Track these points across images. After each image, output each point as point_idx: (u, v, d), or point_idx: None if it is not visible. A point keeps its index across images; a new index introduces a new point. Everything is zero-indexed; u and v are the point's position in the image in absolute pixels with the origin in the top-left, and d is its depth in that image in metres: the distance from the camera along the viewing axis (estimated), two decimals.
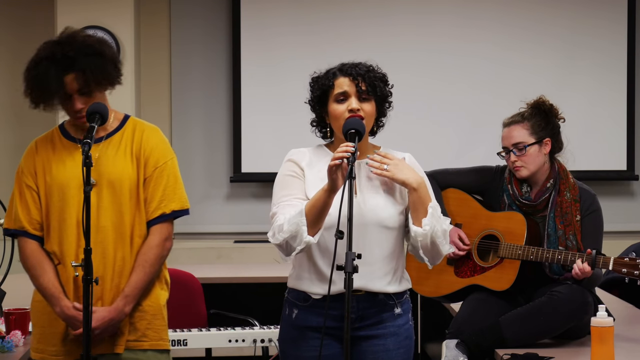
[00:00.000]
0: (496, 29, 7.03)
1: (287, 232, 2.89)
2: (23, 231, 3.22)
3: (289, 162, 3.08)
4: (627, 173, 7.14)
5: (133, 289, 3.16)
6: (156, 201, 3.21)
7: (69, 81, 3.12)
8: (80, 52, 3.13)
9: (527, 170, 3.90)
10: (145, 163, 3.22)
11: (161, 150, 3.25)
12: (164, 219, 3.22)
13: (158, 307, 3.25)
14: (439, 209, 2.97)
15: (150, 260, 3.19)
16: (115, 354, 3.19)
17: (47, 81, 3.10)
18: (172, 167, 3.26)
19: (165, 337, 3.27)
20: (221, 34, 7.09)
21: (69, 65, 3.11)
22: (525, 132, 3.91)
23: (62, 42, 3.15)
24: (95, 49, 3.16)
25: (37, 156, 3.24)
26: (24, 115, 7.03)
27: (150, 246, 3.20)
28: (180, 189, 3.27)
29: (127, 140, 3.24)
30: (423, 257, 3.00)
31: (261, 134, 6.99)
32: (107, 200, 3.16)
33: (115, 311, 3.13)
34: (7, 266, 3.99)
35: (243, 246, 6.94)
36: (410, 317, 3.11)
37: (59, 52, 3.12)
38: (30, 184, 3.22)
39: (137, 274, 3.17)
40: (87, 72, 3.11)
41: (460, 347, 3.70)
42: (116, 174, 3.18)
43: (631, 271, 3.61)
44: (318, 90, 3.06)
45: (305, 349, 3.04)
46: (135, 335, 3.21)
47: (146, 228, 3.22)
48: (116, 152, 3.21)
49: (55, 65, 3.11)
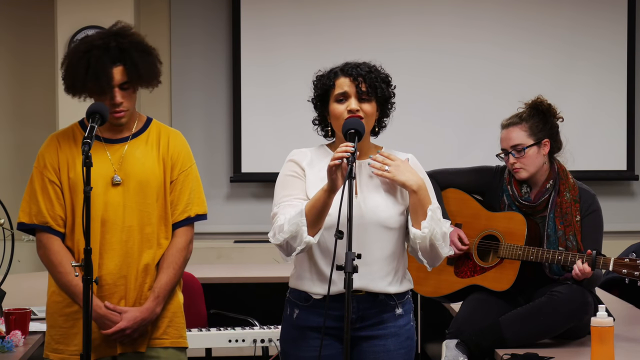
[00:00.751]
0: (496, 29, 7.04)
1: (288, 233, 2.89)
2: (47, 227, 3.20)
3: (290, 162, 3.09)
4: (627, 173, 7.14)
5: (164, 289, 3.21)
6: (183, 204, 3.26)
7: (116, 73, 3.13)
8: (134, 46, 3.16)
9: (527, 171, 3.90)
10: (172, 166, 3.26)
11: (186, 154, 3.32)
12: (189, 222, 3.29)
13: (179, 306, 3.31)
14: (439, 212, 2.97)
15: (180, 262, 3.26)
16: (138, 352, 3.22)
17: (97, 69, 3.10)
18: (195, 171, 3.33)
19: (185, 334, 3.32)
20: (221, 34, 7.09)
21: (121, 57, 3.13)
22: (523, 133, 3.90)
23: (116, 34, 3.18)
24: (146, 46, 3.21)
25: (60, 152, 3.22)
26: (24, 115, 7.03)
27: (179, 248, 3.26)
28: (202, 193, 3.34)
29: (153, 142, 3.27)
30: (422, 260, 3.01)
31: (261, 134, 6.99)
32: (134, 200, 3.19)
33: (147, 311, 3.18)
34: (7, 266, 3.99)
35: (243, 246, 6.94)
36: (411, 317, 3.11)
37: (113, 42, 3.14)
38: (54, 179, 3.21)
39: (167, 275, 3.22)
40: (138, 66, 3.14)
41: (460, 347, 3.70)
42: (144, 175, 3.21)
43: (631, 272, 3.61)
44: (320, 89, 3.07)
45: (306, 349, 3.04)
46: (158, 333, 3.25)
47: (171, 230, 3.26)
48: (143, 153, 3.24)
49: (107, 55, 3.12)
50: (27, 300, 4.09)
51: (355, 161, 2.79)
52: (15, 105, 7.02)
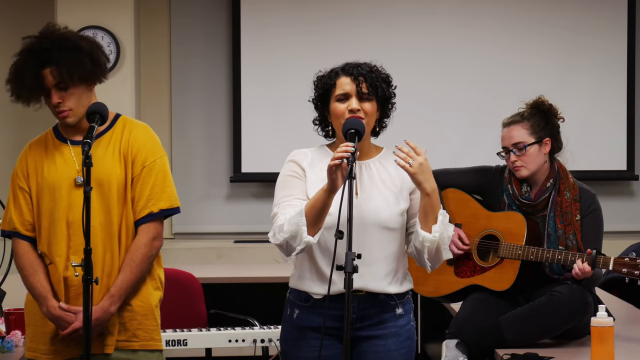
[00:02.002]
0: (496, 29, 7.03)
1: (287, 232, 2.89)
2: (16, 232, 3.23)
3: (291, 163, 3.09)
4: (627, 173, 7.14)
5: (119, 288, 3.15)
6: (143, 200, 3.19)
7: (46, 75, 3.12)
8: (56, 46, 3.12)
9: (527, 170, 3.90)
10: (132, 162, 3.20)
11: (149, 148, 3.22)
12: (152, 218, 3.19)
13: (149, 307, 3.23)
14: (448, 216, 2.97)
15: (137, 260, 3.16)
16: (105, 354, 3.18)
17: (22, 73, 3.12)
18: (161, 165, 3.22)
19: (157, 337, 3.26)
20: (221, 34, 7.09)
21: (46, 59, 3.11)
22: (524, 132, 3.91)
23: (41, 36, 3.16)
24: (71, 42, 3.15)
25: (29, 158, 3.25)
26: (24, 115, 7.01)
27: (138, 246, 3.18)
28: (169, 187, 3.23)
29: (116, 139, 3.22)
30: (426, 262, 3.00)
31: (261, 134, 6.99)
32: (96, 201, 3.13)
33: (100, 311, 3.10)
34: (7, 266, 3.98)
35: (243, 246, 6.94)
36: (412, 317, 3.12)
37: (36, 45, 3.13)
38: (23, 186, 3.23)
39: (123, 274, 3.16)
40: (60, 65, 3.10)
41: (460, 347, 3.70)
42: (104, 174, 3.16)
43: (631, 271, 3.61)
44: (320, 89, 3.07)
45: (306, 349, 3.05)
46: (126, 335, 3.20)
47: (134, 228, 3.20)
48: (105, 152, 3.20)
49: (32, 58, 3.12)
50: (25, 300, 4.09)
51: (356, 161, 2.79)
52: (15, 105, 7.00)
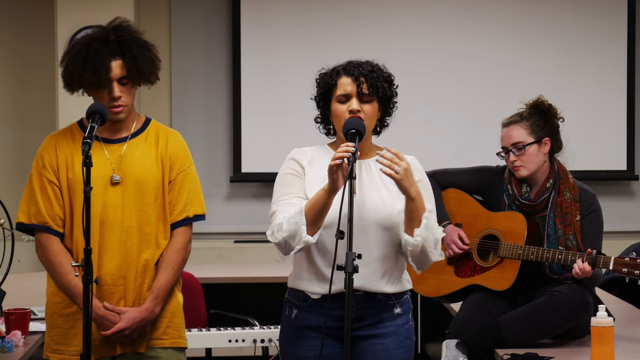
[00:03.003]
0: (496, 29, 7.04)
1: (286, 231, 2.89)
2: (46, 227, 3.19)
3: (290, 160, 3.09)
4: (627, 173, 7.14)
5: (163, 290, 3.21)
6: (181, 204, 3.26)
7: (115, 66, 3.13)
8: (133, 40, 3.16)
9: (527, 170, 3.90)
10: (170, 166, 3.25)
11: (184, 155, 3.30)
12: (187, 222, 3.28)
13: (178, 306, 3.30)
14: (433, 218, 2.96)
15: (178, 263, 3.24)
16: (137, 353, 3.22)
17: (95, 61, 3.10)
18: (194, 171, 3.32)
19: (184, 335, 3.32)
20: (221, 34, 7.09)
21: (120, 51, 3.13)
22: (524, 131, 3.91)
23: (116, 28, 3.18)
24: (145, 41, 3.21)
25: (59, 152, 3.22)
26: (24, 115, 7.03)
27: (177, 248, 3.24)
28: (200, 194, 3.33)
29: (152, 142, 3.26)
30: (411, 264, 3.00)
31: (261, 134, 6.99)
32: (132, 200, 3.18)
33: (146, 312, 3.17)
34: (7, 266, 3.99)
35: (243, 246, 6.94)
36: (410, 317, 3.11)
37: (112, 36, 3.15)
38: (53, 179, 3.20)
39: (166, 275, 3.21)
40: (137, 60, 3.14)
41: (460, 347, 3.70)
42: (142, 175, 3.20)
43: (632, 271, 3.61)
44: (322, 87, 3.08)
45: (304, 349, 3.05)
46: (157, 333, 3.25)
47: (169, 230, 3.26)
48: (142, 153, 3.23)
49: (106, 48, 3.12)
50: (27, 300, 4.09)
51: (356, 161, 2.79)
52: (15, 105, 7.01)
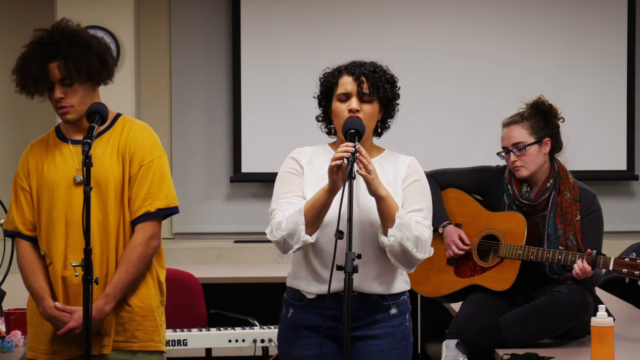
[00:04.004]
0: (496, 29, 7.03)
1: (285, 230, 2.89)
2: (17, 232, 3.24)
3: (290, 159, 3.09)
4: (627, 173, 7.14)
5: (114, 288, 3.13)
6: (140, 199, 3.17)
7: (52, 69, 3.12)
8: (66, 40, 3.12)
9: (527, 170, 3.90)
10: (130, 161, 3.18)
11: (147, 147, 3.21)
12: (149, 217, 3.17)
13: (149, 308, 3.22)
14: (407, 217, 2.92)
15: (133, 260, 3.14)
16: (102, 354, 3.17)
17: (29, 65, 3.12)
18: (159, 164, 3.20)
19: (157, 338, 3.23)
20: (221, 34, 7.09)
21: (54, 52, 3.11)
22: (524, 132, 3.91)
23: (52, 29, 3.16)
24: (82, 39, 3.15)
25: (30, 157, 3.25)
26: (24, 115, 7.03)
27: (134, 245, 3.16)
28: (167, 186, 3.21)
29: (115, 138, 3.21)
30: (396, 265, 2.98)
31: (261, 134, 6.99)
32: (94, 200, 3.10)
33: (95, 310, 3.05)
34: (7, 266, 3.99)
35: (243, 246, 6.94)
36: (407, 318, 3.10)
37: (47, 38, 3.13)
38: (24, 186, 3.23)
39: (119, 273, 3.14)
40: (69, 60, 3.10)
41: (460, 347, 3.69)
42: (102, 173, 3.15)
43: (632, 271, 3.61)
44: (324, 86, 3.08)
45: (300, 348, 3.05)
46: (125, 336, 3.19)
47: (131, 228, 3.19)
48: (103, 151, 3.19)
49: (40, 51, 3.11)
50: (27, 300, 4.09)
51: (356, 161, 2.79)
52: (15, 105, 7.01)
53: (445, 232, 4.03)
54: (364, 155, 2.82)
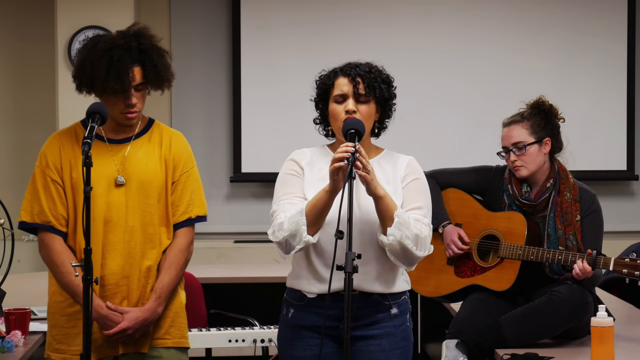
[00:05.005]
0: (496, 29, 7.04)
1: (287, 231, 2.90)
2: (49, 226, 3.20)
3: (290, 161, 3.10)
4: (627, 173, 7.14)
5: (165, 290, 3.22)
6: (184, 205, 3.28)
7: (134, 73, 3.14)
8: (153, 48, 3.18)
9: (527, 169, 3.90)
10: (174, 167, 3.28)
11: (187, 156, 3.34)
12: (190, 223, 3.30)
13: (180, 306, 3.32)
14: (405, 215, 2.92)
15: (181, 263, 3.27)
16: (140, 353, 3.23)
17: (119, 69, 3.11)
18: (196, 173, 3.35)
19: (186, 334, 3.33)
20: (221, 34, 7.09)
21: (140, 58, 3.15)
22: (525, 131, 3.91)
23: (137, 35, 3.19)
24: (163, 50, 3.23)
25: (63, 151, 3.23)
26: (24, 115, 7.03)
27: (180, 249, 3.27)
28: (202, 195, 3.35)
29: (156, 143, 3.28)
30: (396, 263, 2.98)
31: (261, 134, 6.99)
32: (136, 201, 3.20)
33: (149, 312, 3.18)
34: (7, 266, 3.99)
35: (243, 246, 6.94)
36: (408, 318, 3.10)
37: (134, 43, 3.15)
38: (56, 179, 3.21)
39: (169, 275, 3.23)
40: (157, 68, 3.16)
41: (460, 347, 3.70)
42: (146, 175, 3.22)
43: (632, 272, 3.61)
44: (320, 88, 3.08)
45: (301, 349, 3.05)
46: (160, 333, 3.26)
47: (172, 231, 3.27)
48: (145, 154, 3.25)
49: (129, 55, 3.13)
50: (27, 300, 4.09)
51: (356, 161, 2.79)
52: (15, 105, 7.01)
53: (445, 231, 4.03)
54: (363, 155, 2.83)
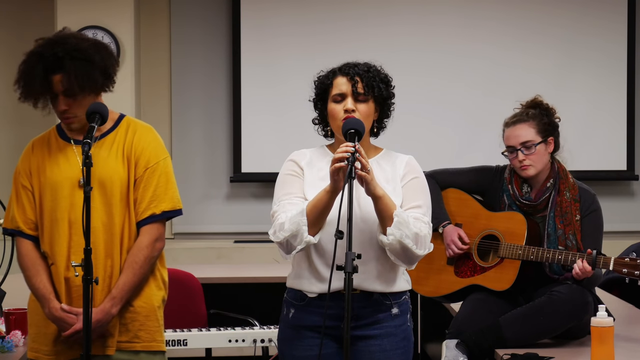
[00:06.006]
0: (496, 29, 7.03)
1: (288, 231, 2.90)
2: (19, 231, 3.23)
3: (289, 162, 3.10)
4: (627, 173, 7.14)
5: (120, 290, 3.15)
6: (146, 202, 3.19)
7: (56, 81, 3.12)
8: (69, 55, 3.11)
9: (535, 169, 3.88)
10: (136, 163, 3.20)
11: (153, 150, 3.22)
12: (154, 219, 3.19)
13: (151, 308, 3.23)
14: (405, 215, 2.93)
15: (140, 262, 3.16)
16: (106, 355, 3.18)
17: (32, 77, 3.12)
18: (164, 167, 3.22)
19: (159, 338, 3.25)
20: (221, 34, 7.09)
21: (56, 66, 3.11)
22: (532, 130, 3.89)
23: (54, 42, 3.15)
24: (85, 53, 3.14)
25: (32, 156, 3.25)
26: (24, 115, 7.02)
27: (140, 247, 3.17)
28: (172, 189, 3.23)
29: (120, 140, 3.22)
30: (397, 262, 2.98)
31: (261, 134, 6.99)
32: (98, 201, 3.14)
33: (101, 312, 3.11)
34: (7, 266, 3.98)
35: (243, 246, 6.94)
36: (408, 318, 3.10)
37: (48, 51, 3.12)
38: (26, 184, 3.23)
39: (125, 275, 3.15)
40: (71, 75, 3.10)
41: (460, 347, 3.70)
42: (107, 175, 3.16)
43: (632, 271, 3.61)
44: (319, 88, 3.08)
45: (301, 349, 3.05)
46: (127, 336, 3.20)
47: (136, 229, 3.20)
48: (108, 153, 3.20)
49: (42, 63, 3.11)
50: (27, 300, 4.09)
51: (356, 161, 2.79)
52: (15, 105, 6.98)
53: (445, 232, 4.03)
54: (363, 155, 2.83)
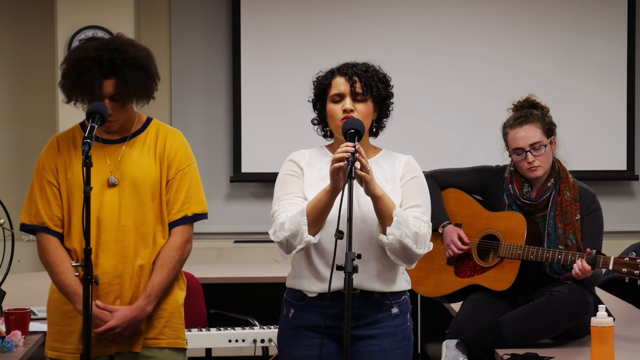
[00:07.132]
0: (496, 29, 7.04)
1: (288, 231, 2.90)
2: (44, 227, 3.22)
3: (289, 162, 3.10)
4: (627, 173, 7.14)
5: (155, 289, 3.21)
6: (179, 203, 3.26)
7: (107, 85, 3.14)
8: (127, 63, 3.16)
9: (543, 169, 3.87)
10: (168, 165, 3.27)
11: (184, 153, 3.32)
12: (186, 221, 3.28)
13: (176, 306, 3.30)
14: (404, 214, 2.93)
15: (173, 262, 3.24)
16: (133, 352, 3.22)
17: (87, 81, 3.12)
18: (194, 170, 3.33)
19: (183, 335, 3.32)
20: (221, 34, 7.09)
21: (111, 72, 3.14)
22: (539, 131, 3.88)
23: (112, 49, 3.17)
24: (141, 62, 3.21)
25: (59, 154, 3.25)
26: (24, 115, 7.03)
27: (173, 247, 3.25)
28: (201, 192, 3.32)
29: (151, 142, 3.28)
30: (397, 262, 2.98)
31: (261, 134, 7.00)
32: (129, 200, 3.20)
33: (137, 310, 3.17)
34: (7, 266, 3.99)
35: (243, 246, 6.94)
36: (408, 318, 3.10)
37: (105, 57, 3.14)
38: (52, 180, 3.23)
39: (160, 274, 3.21)
40: (128, 83, 3.15)
41: (460, 347, 3.70)
42: (139, 175, 3.22)
43: (631, 271, 3.61)
44: (318, 89, 3.09)
45: (301, 349, 3.05)
46: (153, 333, 3.25)
47: (168, 229, 3.26)
48: (140, 153, 3.25)
49: (98, 68, 3.13)
50: (27, 300, 4.09)
51: (356, 161, 2.79)
52: (15, 105, 7.01)
53: (445, 232, 4.03)
54: (362, 155, 2.84)
